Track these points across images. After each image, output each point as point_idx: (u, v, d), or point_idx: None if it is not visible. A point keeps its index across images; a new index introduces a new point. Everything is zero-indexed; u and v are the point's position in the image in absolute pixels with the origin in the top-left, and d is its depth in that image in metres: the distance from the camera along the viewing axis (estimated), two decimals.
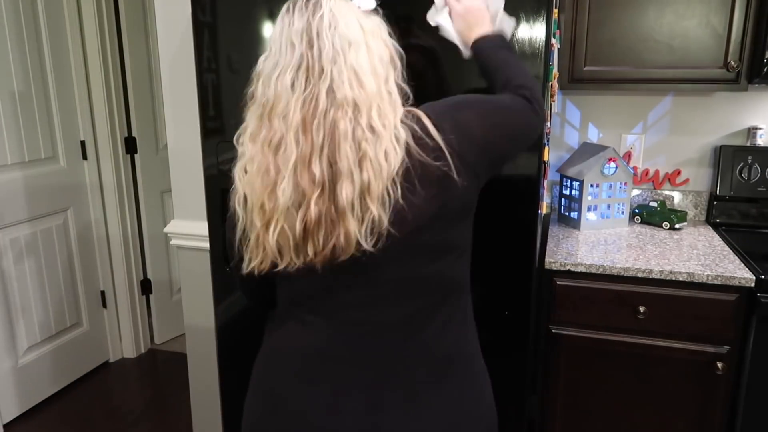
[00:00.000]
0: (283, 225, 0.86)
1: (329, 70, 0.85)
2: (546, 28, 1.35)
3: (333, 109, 0.84)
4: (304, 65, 0.85)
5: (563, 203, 2.12)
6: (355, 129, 0.84)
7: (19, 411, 2.58)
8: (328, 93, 0.84)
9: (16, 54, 2.45)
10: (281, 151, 0.86)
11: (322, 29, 0.86)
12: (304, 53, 0.85)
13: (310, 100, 0.84)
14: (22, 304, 2.56)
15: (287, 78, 0.86)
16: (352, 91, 0.85)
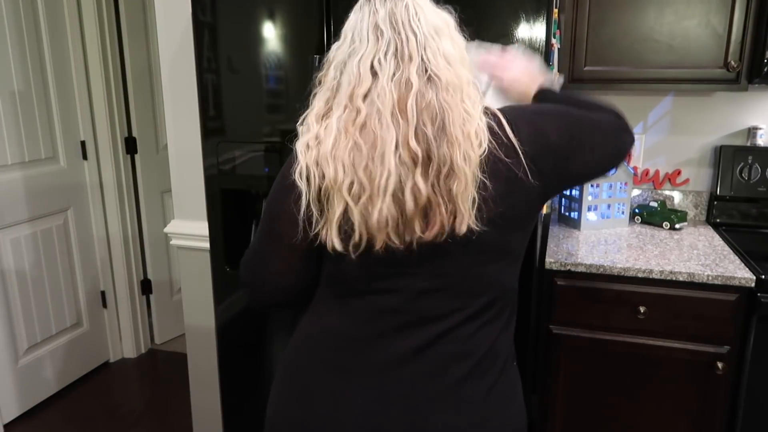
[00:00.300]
0: (389, 203, 0.86)
1: (420, 54, 0.87)
2: (546, 28, 1.35)
3: (431, 90, 0.86)
4: (392, 50, 0.87)
5: (563, 203, 2.12)
6: (454, 108, 0.87)
7: (19, 411, 2.58)
8: (420, 75, 0.86)
9: (16, 54, 2.45)
10: (370, 130, 0.86)
11: (407, 17, 0.89)
12: (393, 38, 0.87)
13: (404, 81, 0.86)
14: (22, 304, 2.56)
15: (367, 63, 0.87)
16: (449, 73, 0.88)
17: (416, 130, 0.85)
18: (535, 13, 1.34)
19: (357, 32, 0.91)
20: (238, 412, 1.88)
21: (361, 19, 0.91)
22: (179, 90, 1.96)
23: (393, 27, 0.88)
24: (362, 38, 0.89)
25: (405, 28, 0.88)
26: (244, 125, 1.65)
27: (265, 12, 1.55)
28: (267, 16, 1.55)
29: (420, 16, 0.90)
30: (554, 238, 1.93)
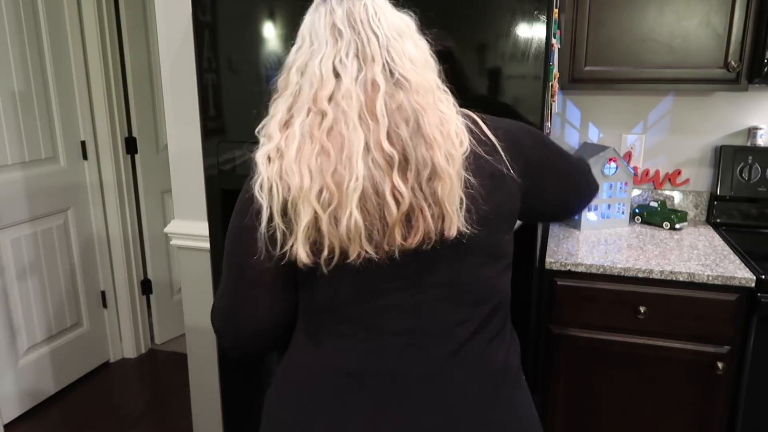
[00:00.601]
0: (361, 209, 0.81)
1: (383, 56, 0.84)
2: (546, 28, 1.35)
3: (401, 91, 0.83)
4: (353, 50, 0.84)
5: None
6: (428, 109, 0.83)
7: (19, 411, 2.58)
8: (386, 77, 0.83)
9: (16, 54, 2.45)
10: (338, 133, 0.81)
11: (366, 17, 0.85)
12: (353, 39, 0.84)
13: (369, 82, 0.82)
14: (22, 305, 2.56)
15: (329, 64, 0.83)
16: (416, 75, 0.84)
17: (388, 132, 0.81)
18: (535, 12, 1.34)
19: (314, 33, 0.87)
20: (238, 412, 1.88)
21: (317, 20, 0.87)
22: (179, 90, 1.96)
23: (352, 27, 0.85)
24: (320, 39, 0.85)
25: (365, 28, 0.84)
26: (245, 125, 1.64)
27: (265, 12, 1.55)
28: (267, 16, 1.55)
29: (380, 17, 0.86)
30: (554, 238, 1.93)
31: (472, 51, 1.40)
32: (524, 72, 1.38)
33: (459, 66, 1.41)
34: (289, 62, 0.89)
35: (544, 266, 1.69)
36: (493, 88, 1.41)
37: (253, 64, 1.59)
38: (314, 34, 0.87)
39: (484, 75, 1.41)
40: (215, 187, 1.72)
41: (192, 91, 1.81)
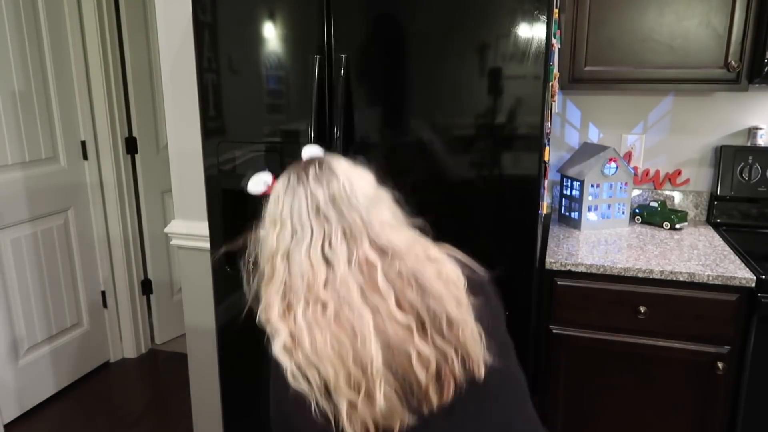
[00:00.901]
0: (392, 385, 0.82)
1: (367, 232, 0.87)
2: (546, 28, 1.35)
3: (394, 260, 0.86)
4: (340, 234, 0.86)
5: (564, 203, 2.12)
6: (423, 265, 0.87)
7: (19, 411, 2.58)
8: (376, 250, 0.86)
9: (16, 54, 2.45)
10: (345, 319, 0.83)
11: (346, 196, 0.88)
12: (338, 222, 0.86)
13: (363, 262, 0.85)
14: (22, 305, 2.56)
15: (317, 253, 0.85)
16: (399, 239, 0.88)
17: (397, 301, 0.83)
18: (535, 12, 1.34)
19: (297, 218, 0.88)
20: (238, 412, 1.88)
21: (299, 205, 0.88)
22: (180, 90, 1.96)
23: (336, 208, 0.87)
24: (304, 225, 0.87)
25: (347, 208, 0.87)
26: (245, 125, 1.65)
27: (265, 12, 1.55)
28: (267, 16, 1.55)
29: (356, 191, 0.89)
30: (554, 238, 1.93)
31: (472, 51, 1.40)
32: (524, 72, 1.38)
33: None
34: (272, 248, 0.90)
35: (544, 266, 1.69)
36: (493, 88, 1.41)
37: (253, 64, 1.59)
38: (297, 219, 0.88)
39: (485, 75, 1.41)
40: (215, 187, 1.72)
41: (192, 91, 1.81)
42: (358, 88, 1.51)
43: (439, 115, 1.47)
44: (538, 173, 1.44)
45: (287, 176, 0.92)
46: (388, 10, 1.46)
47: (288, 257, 0.87)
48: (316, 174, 0.89)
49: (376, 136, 1.53)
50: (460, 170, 1.48)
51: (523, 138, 1.42)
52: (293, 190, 0.90)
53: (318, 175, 0.89)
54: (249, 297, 0.97)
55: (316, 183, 0.88)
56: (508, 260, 1.50)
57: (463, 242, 1.53)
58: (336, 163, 0.92)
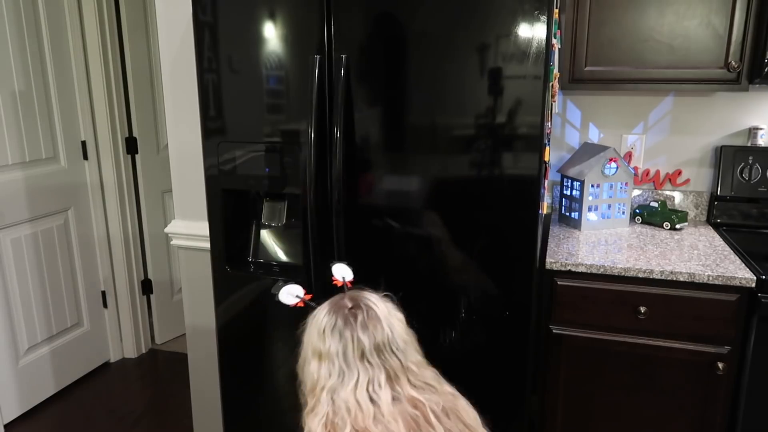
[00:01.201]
0: None
1: (405, 374, 0.96)
2: (547, 28, 1.35)
3: (433, 394, 0.95)
4: (383, 376, 0.94)
5: (564, 203, 2.12)
6: (456, 396, 0.99)
7: (19, 411, 2.58)
8: (416, 388, 0.95)
9: (16, 54, 2.45)
10: None
11: (388, 342, 0.97)
12: (381, 366, 0.95)
13: (408, 399, 0.93)
14: (23, 305, 2.56)
15: (363, 393, 0.93)
16: (427, 373, 0.98)
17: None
18: (535, 12, 1.34)
19: (343, 360, 0.96)
20: (238, 412, 1.88)
21: (344, 347, 0.96)
22: (180, 90, 1.96)
23: (380, 356, 0.95)
24: (350, 366, 0.95)
25: (389, 354, 0.96)
26: (245, 125, 1.65)
27: (265, 12, 1.55)
28: (267, 15, 1.55)
29: (395, 335, 0.97)
30: (555, 238, 1.93)
31: (472, 51, 1.40)
32: (525, 72, 1.38)
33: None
34: (319, 381, 0.97)
35: (545, 266, 1.69)
36: (493, 88, 1.41)
37: (253, 64, 1.59)
38: (343, 360, 0.96)
39: (485, 75, 1.41)
40: (216, 187, 1.72)
41: (192, 91, 1.81)
42: (358, 88, 1.51)
43: (440, 115, 1.47)
44: (538, 173, 1.43)
45: (333, 315, 0.99)
46: (388, 9, 1.46)
47: (333, 394, 0.95)
48: (364, 321, 0.97)
49: (376, 136, 1.53)
50: (461, 170, 1.48)
51: (524, 138, 1.42)
52: (340, 332, 0.97)
53: (365, 323, 0.97)
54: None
55: (363, 330, 0.96)
56: (509, 260, 1.50)
57: (463, 242, 1.53)
58: (378, 308, 1.00)
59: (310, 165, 1.54)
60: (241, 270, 1.77)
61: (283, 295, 1.10)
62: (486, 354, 1.56)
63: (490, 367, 1.23)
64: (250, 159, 1.66)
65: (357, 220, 1.58)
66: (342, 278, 1.12)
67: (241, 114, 1.65)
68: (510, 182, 1.46)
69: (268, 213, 1.81)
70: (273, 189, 1.68)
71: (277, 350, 1.79)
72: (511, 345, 1.54)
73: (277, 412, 1.84)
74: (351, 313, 0.98)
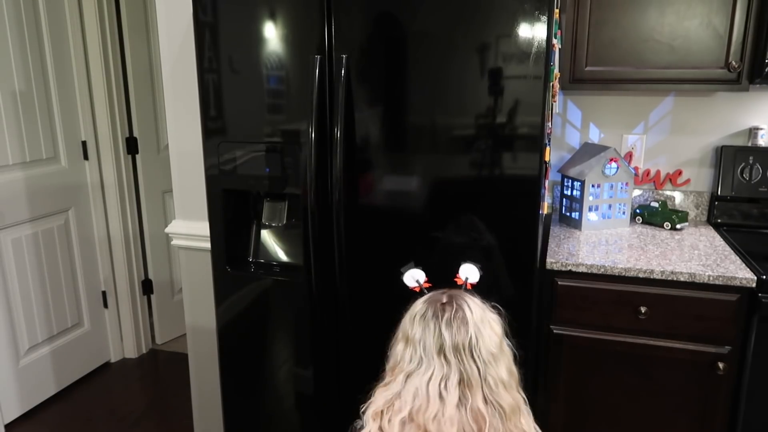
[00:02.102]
0: None
1: (481, 384, 0.96)
2: (547, 28, 1.35)
3: (497, 419, 0.94)
4: (456, 378, 0.95)
5: (564, 203, 2.12)
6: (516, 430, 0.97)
7: (20, 411, 2.58)
8: (487, 407, 0.94)
9: (17, 54, 2.45)
10: None
11: (469, 346, 0.97)
12: (457, 368, 0.96)
13: (475, 410, 0.93)
14: (23, 305, 2.56)
15: (435, 386, 0.95)
16: (509, 399, 0.96)
17: None
18: (536, 13, 1.34)
19: (425, 349, 0.98)
20: (239, 412, 1.88)
21: (428, 337, 0.98)
22: (180, 90, 1.96)
23: (458, 356, 0.96)
24: (429, 358, 0.97)
25: (467, 359, 0.96)
26: (245, 125, 1.65)
27: (265, 12, 1.55)
28: (268, 16, 1.55)
29: (480, 345, 0.97)
30: (555, 238, 1.93)
31: (473, 51, 1.40)
32: (525, 72, 1.38)
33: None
34: (401, 363, 1.00)
35: (545, 266, 1.69)
36: (494, 88, 1.41)
37: (253, 64, 1.59)
38: (424, 349, 0.98)
39: (486, 75, 1.41)
40: (216, 187, 1.72)
41: (193, 91, 1.81)
42: (358, 88, 1.51)
43: (440, 115, 1.47)
44: (538, 173, 1.43)
45: (426, 305, 1.02)
46: (388, 9, 1.46)
47: (409, 378, 0.97)
48: (450, 319, 0.98)
49: (377, 136, 1.53)
50: (461, 170, 1.48)
51: (524, 138, 1.42)
52: (427, 321, 0.99)
53: (450, 321, 0.98)
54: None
55: (446, 327, 0.97)
56: (509, 260, 1.50)
57: (463, 242, 1.53)
58: (471, 311, 1.00)
59: (310, 165, 1.54)
60: (242, 270, 1.77)
61: (407, 277, 1.15)
62: None
63: None
64: (251, 159, 1.66)
65: (357, 220, 1.58)
66: (465, 278, 1.13)
67: (241, 114, 1.65)
68: (510, 182, 1.45)
69: (268, 213, 1.81)
70: (273, 189, 1.68)
71: (277, 350, 1.79)
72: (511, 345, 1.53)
73: (278, 412, 1.84)
74: (441, 308, 1.00)
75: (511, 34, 1.37)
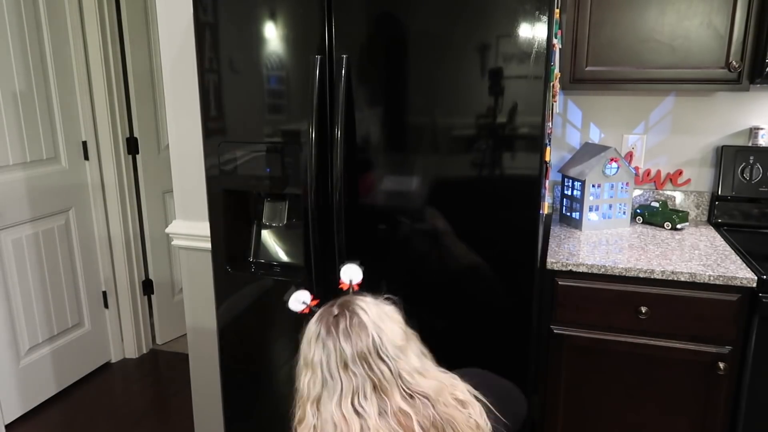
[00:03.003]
0: None
1: (397, 383, 0.89)
2: (548, 29, 1.35)
3: (427, 407, 0.88)
4: (369, 387, 0.88)
5: (565, 203, 2.12)
6: (454, 412, 0.89)
7: (20, 411, 2.58)
8: (407, 399, 0.88)
9: (17, 54, 2.45)
10: None
11: (375, 349, 0.90)
12: (367, 376, 0.89)
13: (397, 412, 0.87)
14: (23, 305, 2.56)
15: (348, 406, 0.88)
16: (429, 384, 0.90)
17: None
18: (536, 12, 1.34)
19: (326, 370, 0.90)
20: (239, 412, 1.88)
21: (327, 357, 0.91)
22: (181, 90, 1.96)
23: (364, 365, 0.89)
24: (333, 377, 0.90)
25: (375, 362, 0.89)
26: (246, 125, 1.65)
27: (266, 12, 1.55)
28: (268, 16, 1.55)
29: (385, 342, 0.90)
30: (555, 238, 1.93)
31: (473, 51, 1.40)
32: (526, 72, 1.38)
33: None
34: (303, 393, 0.93)
35: (546, 266, 1.69)
36: (494, 89, 1.41)
37: (254, 64, 1.59)
38: (327, 370, 0.90)
39: (486, 75, 1.41)
40: (216, 187, 1.72)
41: (193, 92, 1.81)
42: (358, 88, 1.51)
43: (440, 115, 1.47)
44: (539, 173, 1.43)
45: (319, 324, 0.95)
46: (389, 10, 1.46)
47: (318, 405, 0.91)
48: (346, 328, 0.91)
49: (377, 136, 1.53)
50: (461, 170, 1.48)
51: (524, 138, 1.42)
52: (323, 341, 0.92)
53: (347, 330, 0.91)
54: None
55: (345, 338, 0.90)
56: (510, 260, 1.50)
57: (464, 242, 1.53)
58: (366, 313, 0.93)
59: (311, 165, 1.54)
60: (242, 270, 1.77)
61: (291, 302, 1.08)
62: (487, 354, 1.56)
63: (491, 366, 1.23)
64: (251, 159, 1.66)
65: (358, 220, 1.58)
66: (349, 281, 1.07)
67: (241, 114, 1.65)
68: (511, 182, 1.45)
69: (269, 213, 1.81)
70: (274, 189, 1.68)
71: (278, 351, 1.79)
72: (512, 345, 1.54)
73: (278, 413, 1.84)
74: (334, 321, 0.93)
75: (512, 34, 1.37)
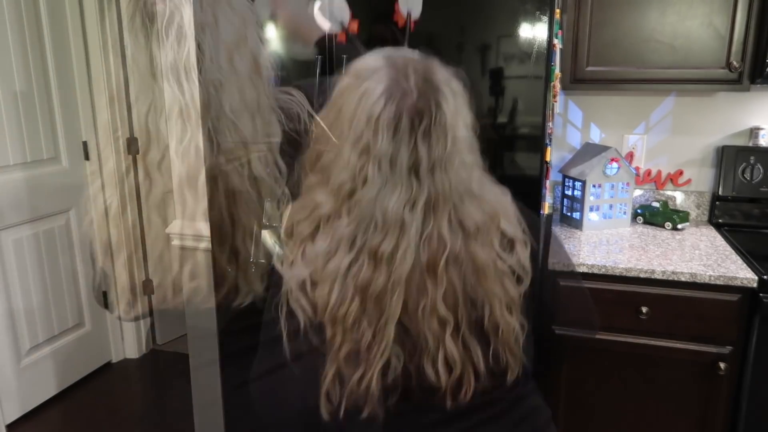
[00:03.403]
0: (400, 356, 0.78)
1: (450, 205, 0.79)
2: (548, 29, 1.35)
3: (464, 242, 0.79)
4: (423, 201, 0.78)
5: (565, 203, 2.12)
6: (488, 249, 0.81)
7: (21, 412, 2.58)
8: (452, 228, 0.78)
9: (18, 54, 2.45)
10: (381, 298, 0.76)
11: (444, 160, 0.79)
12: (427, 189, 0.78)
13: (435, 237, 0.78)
14: (24, 305, 2.56)
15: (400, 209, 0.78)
16: (478, 216, 0.81)
17: (445, 293, 0.75)
18: (537, 13, 1.34)
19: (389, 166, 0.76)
20: (239, 412, 1.88)
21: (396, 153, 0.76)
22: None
23: (433, 175, 0.76)
24: (396, 176, 0.76)
25: (441, 175, 0.76)
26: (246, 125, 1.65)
27: (265, 12, 1.55)
28: (267, 16, 1.55)
29: (456, 146, 0.77)
30: (556, 238, 1.92)
31: (474, 51, 1.40)
32: (526, 72, 1.38)
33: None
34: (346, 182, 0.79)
35: (546, 266, 1.69)
36: (495, 89, 1.41)
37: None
38: (390, 168, 0.76)
39: (487, 75, 1.41)
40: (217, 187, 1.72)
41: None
42: None
43: None
44: (539, 173, 1.44)
45: (393, 105, 0.76)
46: (389, 9, 1.46)
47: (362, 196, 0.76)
48: (428, 129, 0.75)
49: None
50: None
51: (525, 138, 1.42)
52: (396, 131, 0.75)
53: (428, 131, 0.75)
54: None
55: (423, 140, 0.75)
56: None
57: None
58: (448, 110, 0.77)
59: None
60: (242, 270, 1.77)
61: (317, 15, 0.79)
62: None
63: None
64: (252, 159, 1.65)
65: None
66: (407, 13, 0.82)
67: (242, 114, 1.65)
68: (511, 182, 1.45)
69: (269, 213, 1.81)
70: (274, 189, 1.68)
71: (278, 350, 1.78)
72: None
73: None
74: (417, 113, 0.75)
75: (513, 34, 1.37)
